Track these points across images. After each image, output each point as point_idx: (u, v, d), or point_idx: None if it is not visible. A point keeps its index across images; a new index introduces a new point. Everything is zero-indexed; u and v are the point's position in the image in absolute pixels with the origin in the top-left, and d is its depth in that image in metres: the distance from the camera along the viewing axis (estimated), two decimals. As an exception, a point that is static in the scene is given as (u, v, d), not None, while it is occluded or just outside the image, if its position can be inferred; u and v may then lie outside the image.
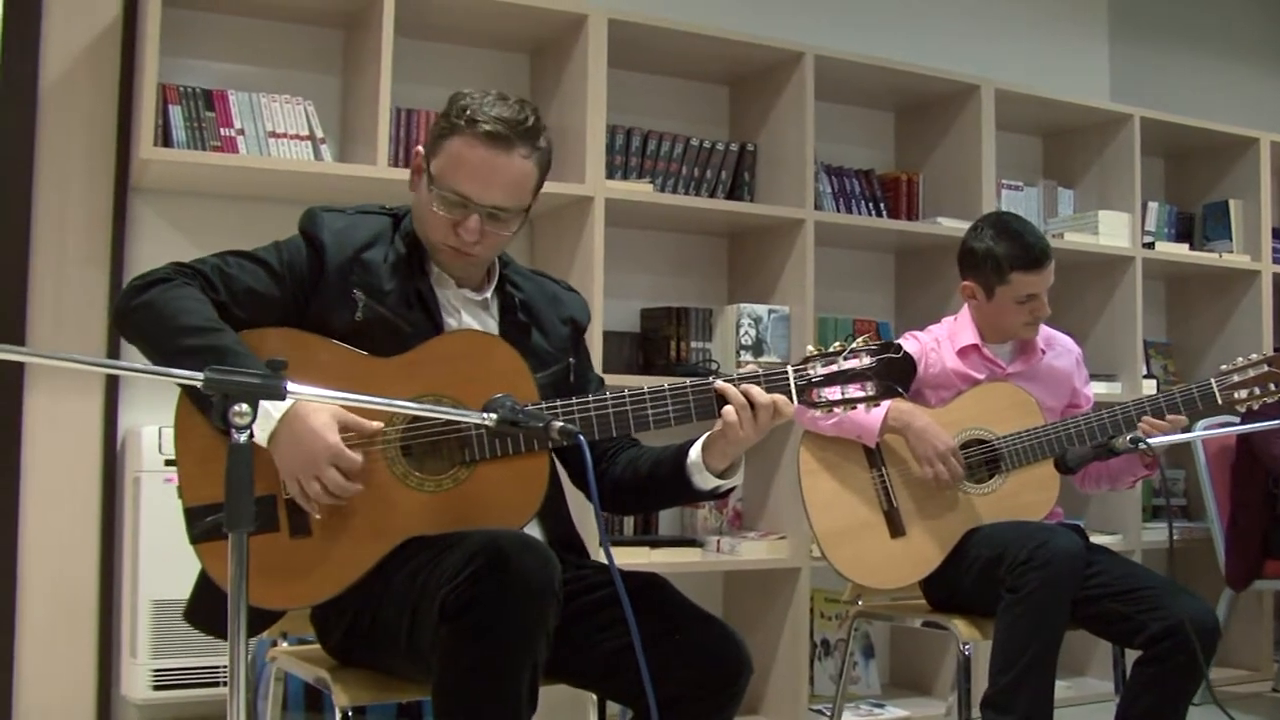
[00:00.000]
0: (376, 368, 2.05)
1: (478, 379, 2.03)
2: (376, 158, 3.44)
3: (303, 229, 2.16)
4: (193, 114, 3.43)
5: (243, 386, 1.61)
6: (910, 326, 4.30)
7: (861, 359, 2.14)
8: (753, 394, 2.09)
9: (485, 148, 2.08)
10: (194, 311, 1.98)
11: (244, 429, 1.60)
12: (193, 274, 2.06)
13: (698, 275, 4.33)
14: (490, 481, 2.03)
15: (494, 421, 1.82)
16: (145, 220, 3.59)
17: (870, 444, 3.01)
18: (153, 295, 2.00)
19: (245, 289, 2.07)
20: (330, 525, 1.99)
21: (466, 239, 2.10)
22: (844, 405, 2.14)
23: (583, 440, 1.78)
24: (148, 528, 3.23)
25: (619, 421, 2.07)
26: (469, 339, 2.11)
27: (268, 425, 1.94)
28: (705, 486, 2.18)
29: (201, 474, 2.01)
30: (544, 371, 2.18)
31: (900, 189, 4.50)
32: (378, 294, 2.10)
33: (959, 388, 3.14)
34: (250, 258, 2.11)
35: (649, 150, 4.03)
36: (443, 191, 2.10)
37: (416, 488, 2.03)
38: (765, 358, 4.04)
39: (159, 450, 3.26)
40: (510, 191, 2.11)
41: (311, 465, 1.93)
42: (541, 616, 1.83)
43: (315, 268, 2.10)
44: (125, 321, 2.02)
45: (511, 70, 4.03)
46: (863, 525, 2.97)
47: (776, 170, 4.16)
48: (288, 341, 2.05)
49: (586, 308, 2.41)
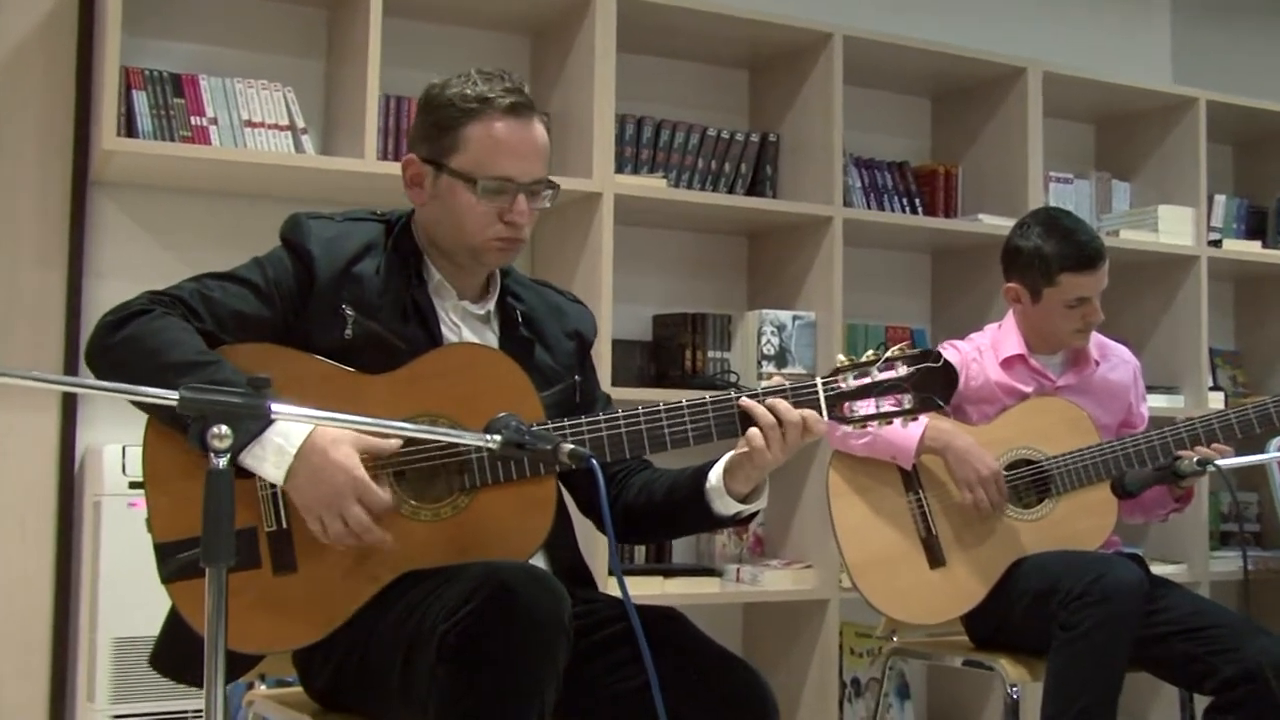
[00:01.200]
0: (366, 385, 2.06)
1: (478, 397, 2.04)
2: (364, 150, 3.45)
3: (287, 239, 2.17)
4: (159, 101, 3.44)
5: (222, 406, 1.62)
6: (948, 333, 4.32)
7: (897, 369, 2.15)
8: (780, 410, 2.10)
9: (513, 121, 2.13)
10: (182, 344, 1.99)
11: (224, 453, 1.61)
12: (172, 302, 2.06)
13: (715, 278, 4.34)
14: (493, 509, 2.04)
15: (498, 444, 1.84)
16: (106, 218, 3.60)
17: (906, 465, 3.02)
18: (133, 330, 2.00)
19: (231, 313, 2.08)
20: (317, 560, 2.00)
21: (520, 221, 2.15)
22: (879, 420, 2.16)
23: (595, 464, 1.80)
24: (109, 557, 3.24)
25: (633, 442, 2.09)
26: (467, 353, 2.13)
27: (283, 461, 1.94)
28: (727, 512, 2.20)
29: (174, 505, 2.01)
30: (549, 390, 2.20)
31: (937, 183, 4.50)
32: (369, 308, 2.12)
33: (1004, 402, 3.15)
34: (232, 279, 2.12)
35: (661, 141, 4.04)
36: (486, 181, 2.12)
37: (411, 517, 2.04)
38: (789, 368, 4.05)
39: (122, 471, 3.26)
40: (543, 160, 2.18)
41: (335, 502, 1.95)
42: (550, 655, 1.84)
43: (304, 283, 2.12)
44: (104, 361, 2.02)
45: (510, 53, 4.04)
46: (899, 554, 2.98)
47: (801, 163, 4.17)
48: (263, 357, 2.06)
49: (593, 321, 2.43)
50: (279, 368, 2.00)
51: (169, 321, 2.01)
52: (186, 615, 2.01)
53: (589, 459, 1.82)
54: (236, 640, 1.90)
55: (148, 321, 2.01)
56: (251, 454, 1.94)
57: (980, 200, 4.50)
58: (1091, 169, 4.93)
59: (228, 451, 1.61)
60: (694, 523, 2.32)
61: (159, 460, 2.04)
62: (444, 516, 2.05)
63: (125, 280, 3.57)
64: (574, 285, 3.65)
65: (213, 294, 2.08)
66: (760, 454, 2.10)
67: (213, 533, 1.61)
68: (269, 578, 2.00)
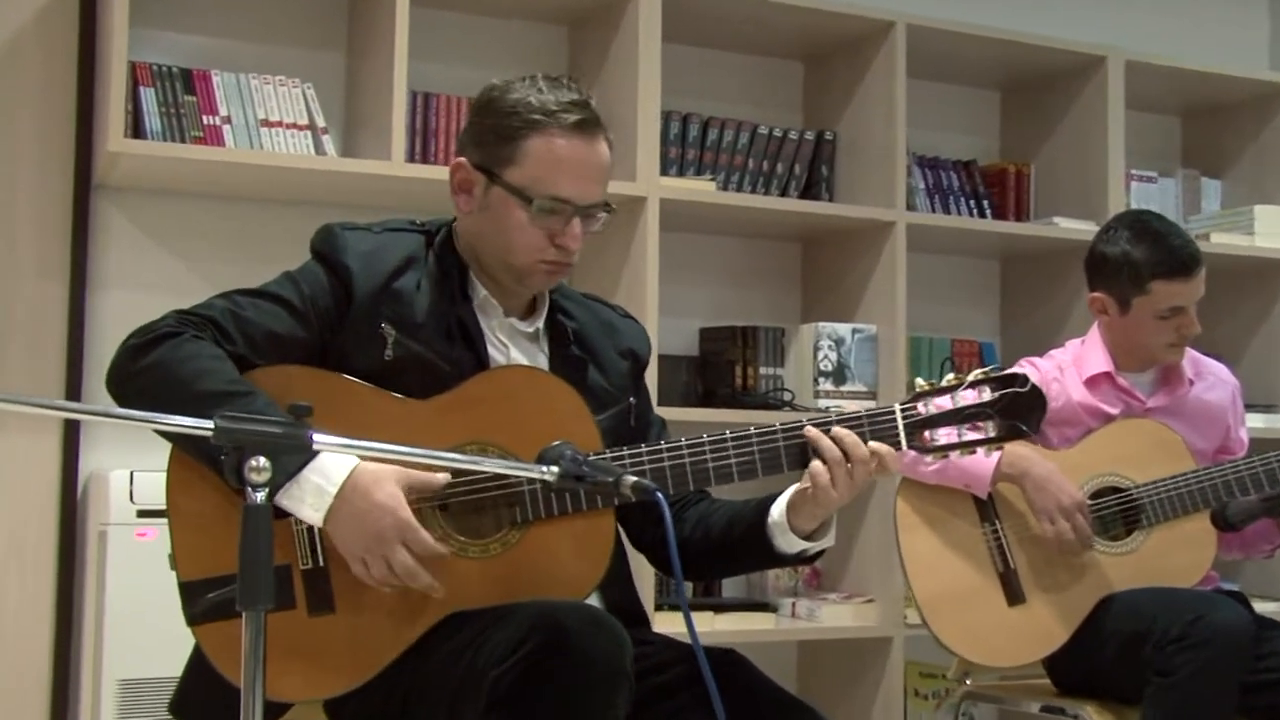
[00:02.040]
0: (409, 411, 2.08)
1: (530, 424, 2.05)
2: (390, 151, 3.47)
3: (321, 253, 2.18)
4: (169, 98, 3.46)
5: (260, 437, 1.63)
6: (1019, 347, 4.31)
7: (981, 394, 2.16)
8: (847, 444, 2.11)
9: (578, 139, 2.14)
10: (214, 372, 1.99)
11: (262, 487, 1.62)
12: (201, 323, 2.07)
13: (767, 288, 4.34)
14: (546, 545, 2.05)
15: (555, 476, 1.84)
16: (111, 225, 3.63)
17: (980, 494, 3.02)
18: (160, 355, 2.01)
19: (265, 334, 2.09)
20: (357, 600, 2.01)
21: (573, 247, 2.16)
22: (960, 450, 2.16)
23: (662, 499, 1.80)
24: (115, 592, 3.25)
25: (697, 473, 2.10)
26: (519, 376, 2.14)
27: (322, 503, 1.95)
28: (790, 550, 2.20)
29: (201, 541, 2.02)
30: (602, 413, 2.20)
31: (1007, 183, 4.50)
32: (410, 327, 2.13)
33: (1088, 425, 3.14)
34: (264, 295, 2.13)
35: (709, 140, 4.05)
36: (542, 201, 2.13)
37: (459, 553, 2.05)
38: (848, 385, 4.05)
39: (130, 499, 3.27)
40: (604, 183, 2.19)
41: (378, 545, 1.95)
42: (610, 703, 1.85)
43: (341, 300, 2.13)
44: (129, 389, 2.03)
45: (547, 45, 4.06)
46: (973, 591, 2.98)
47: (860, 163, 4.17)
48: (298, 381, 2.07)
49: (648, 339, 2.44)
50: (315, 392, 2.00)
51: (199, 346, 2.02)
52: (214, 660, 2.01)
53: (654, 492, 1.82)
54: (269, 687, 1.90)
55: (176, 346, 2.02)
56: (288, 495, 1.95)
57: (1054, 202, 4.49)
58: (1178, 166, 4.91)
59: (266, 485, 1.62)
60: (754, 560, 2.32)
61: (184, 492, 2.05)
62: (493, 553, 2.05)
63: (131, 292, 3.60)
64: (615, 297, 3.66)
65: (245, 313, 2.09)
66: (824, 491, 2.10)
67: (250, 573, 1.62)
68: (304, 619, 2.01)
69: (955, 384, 2.17)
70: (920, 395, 2.17)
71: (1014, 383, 2.16)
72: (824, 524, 2.19)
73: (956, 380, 2.17)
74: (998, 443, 2.16)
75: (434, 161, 3.67)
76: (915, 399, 2.17)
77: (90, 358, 3.54)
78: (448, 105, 3.74)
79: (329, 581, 2.03)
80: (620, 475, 1.86)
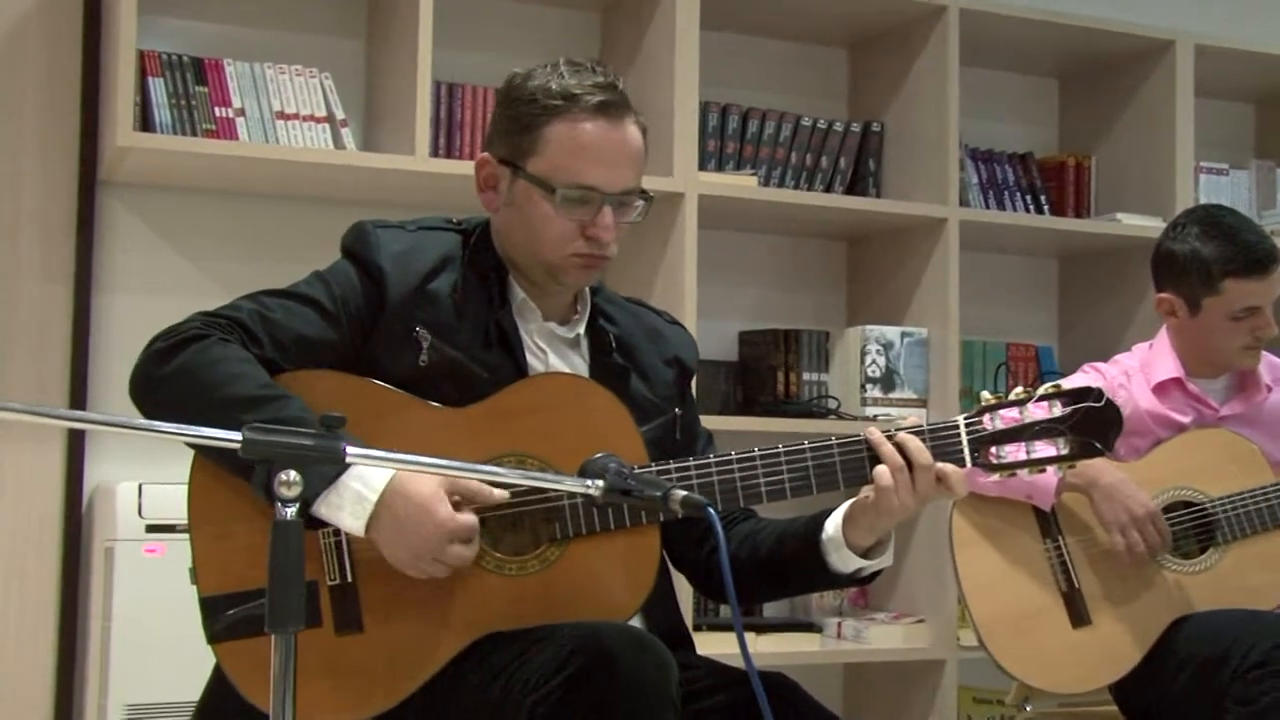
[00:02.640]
0: (446, 421, 2.08)
1: (572, 435, 2.06)
2: (414, 145, 3.48)
3: (353, 252, 2.19)
4: (180, 89, 3.48)
5: (291, 449, 1.64)
6: (1079, 352, 4.30)
7: (1051, 408, 2.15)
8: (910, 449, 2.10)
9: (602, 122, 2.14)
10: (244, 376, 2.01)
11: (293, 502, 1.63)
12: (229, 325, 2.08)
13: (811, 289, 4.35)
14: (588, 563, 2.06)
15: (600, 490, 1.85)
16: (119, 224, 3.65)
17: (1044, 506, 3.01)
18: (186, 359, 2.02)
19: (295, 337, 2.10)
20: (386, 619, 2.02)
21: (605, 237, 2.16)
22: (1029, 468, 2.16)
23: (714, 515, 1.80)
24: (122, 612, 3.26)
25: (747, 490, 2.10)
26: (560, 384, 2.15)
27: (363, 510, 1.96)
28: (845, 569, 2.20)
29: (223, 554, 2.04)
30: (647, 425, 2.21)
31: (1067, 177, 4.50)
32: (447, 332, 2.14)
33: (1157, 435, 3.13)
34: (294, 296, 2.14)
35: (750, 133, 4.06)
36: (566, 190, 2.14)
37: (495, 570, 2.05)
38: (896, 392, 4.05)
39: (138, 513, 3.28)
40: (636, 169, 2.19)
41: (428, 549, 1.96)
42: (656, 731, 1.85)
43: (375, 303, 2.14)
44: (155, 396, 2.04)
45: (579, 31, 4.07)
46: (1035, 610, 2.97)
47: (910, 156, 4.17)
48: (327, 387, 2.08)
49: (694, 346, 2.44)
50: (345, 399, 2.02)
51: (227, 350, 2.04)
52: (235, 681, 2.02)
53: (705, 507, 1.82)
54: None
55: (203, 349, 2.03)
56: (327, 502, 1.96)
57: (1117, 196, 4.49)
58: (1250, 157, 4.89)
59: (297, 500, 1.62)
60: (806, 580, 2.32)
61: (207, 502, 2.06)
62: (530, 571, 2.06)
63: (139, 295, 3.62)
64: (650, 299, 3.63)
65: (273, 315, 2.11)
66: (886, 495, 2.09)
67: (280, 593, 1.62)
68: (331, 638, 2.02)
69: (1024, 397, 2.16)
70: (985, 409, 2.17)
71: (1087, 397, 2.15)
72: (881, 541, 2.19)
73: (1025, 394, 2.17)
74: (1070, 461, 2.16)
75: (459, 156, 3.68)
76: (980, 413, 2.17)
77: (96, 363, 3.56)
78: (474, 96, 3.75)
79: (358, 599, 2.03)
80: (669, 489, 1.86)
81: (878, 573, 2.24)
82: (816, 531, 2.21)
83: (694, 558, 2.35)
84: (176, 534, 3.10)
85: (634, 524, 2.07)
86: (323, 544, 2.04)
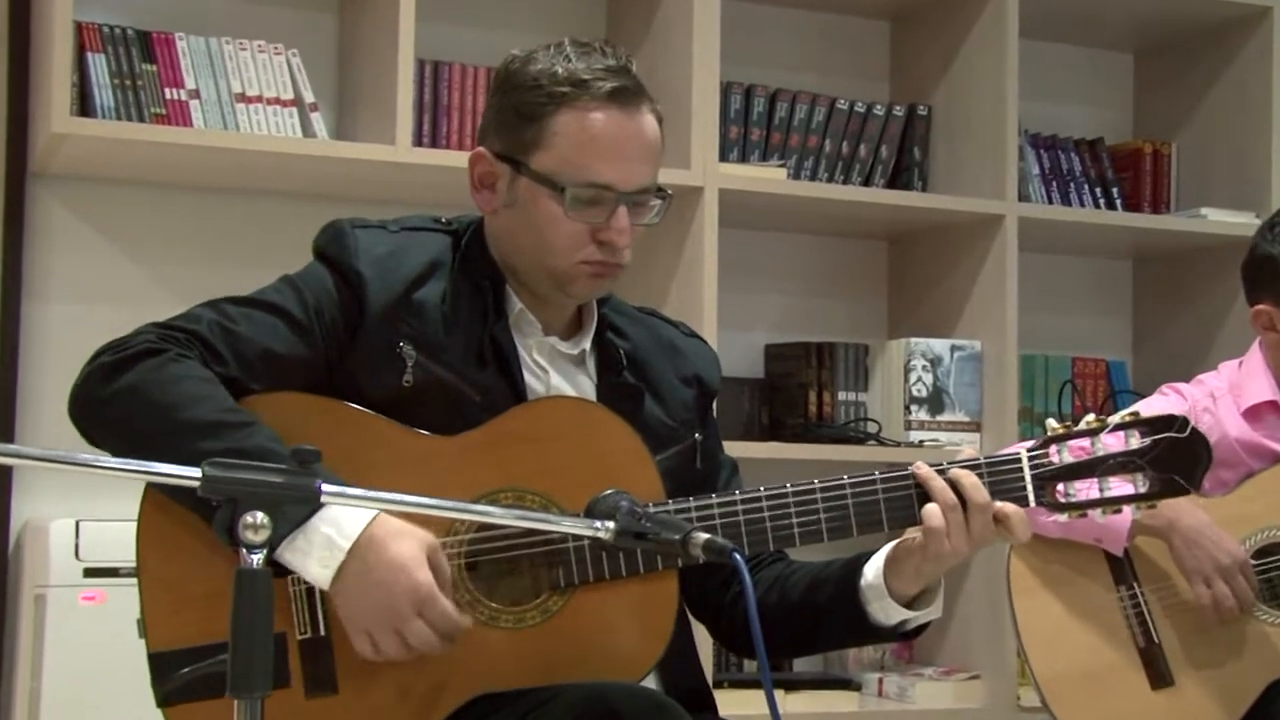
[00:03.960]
0: (436, 451, 2.09)
1: (577, 468, 2.07)
2: (393, 133, 3.49)
3: (328, 256, 2.20)
4: (124, 68, 3.48)
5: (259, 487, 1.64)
6: (1156, 368, 4.29)
7: (1129, 439, 2.16)
8: (964, 487, 2.11)
9: (615, 111, 2.16)
10: (204, 398, 2.00)
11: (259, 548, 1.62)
12: (186, 338, 2.08)
13: (847, 296, 4.36)
14: (596, 614, 2.06)
15: (610, 533, 1.85)
16: (53, 221, 3.66)
17: (1115, 550, 3.01)
18: (136, 377, 2.02)
19: (261, 352, 2.10)
20: (364, 679, 2.02)
21: (620, 242, 2.17)
22: (1103, 508, 2.17)
23: (741, 563, 1.79)
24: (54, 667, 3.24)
25: (778, 531, 2.11)
26: (563, 409, 2.16)
27: (333, 558, 1.95)
28: (888, 621, 2.20)
29: (177, 604, 2.03)
30: (663, 453, 2.21)
31: (1142, 167, 4.50)
32: (434, 347, 2.15)
33: (1248, 466, 3.12)
34: (260, 305, 2.14)
35: (778, 118, 4.06)
36: (577, 189, 2.15)
37: (489, 623, 2.05)
38: (946, 415, 4.05)
39: (75, 555, 3.27)
40: (653, 163, 2.21)
41: (389, 615, 1.95)
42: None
43: (353, 314, 2.15)
44: (98, 419, 2.04)
45: (582, 6, 4.07)
46: (1108, 668, 2.96)
47: (961, 144, 4.18)
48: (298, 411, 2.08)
49: (716, 362, 2.45)
50: (319, 425, 2.03)
51: (185, 367, 2.03)
52: (189, 748, 2.03)
53: (731, 553, 1.82)
54: (259, 785, 1.92)
55: (157, 366, 2.02)
56: (293, 546, 1.94)
57: (1202, 189, 4.49)
58: (1357, 144, 4.90)
59: (265, 545, 1.61)
60: (842, 633, 2.31)
61: (159, 542, 2.05)
62: (530, 623, 2.06)
63: (77, 304, 3.62)
64: (665, 308, 3.64)
65: (237, 327, 2.11)
66: (937, 539, 2.10)
67: (244, 651, 1.60)
68: (300, 701, 2.02)
69: (1096, 427, 2.17)
70: (1051, 440, 2.18)
71: (1170, 426, 2.15)
72: (929, 589, 2.19)
73: (1097, 423, 2.17)
74: (1149, 501, 2.17)
75: (446, 145, 3.69)
76: (1045, 444, 2.17)
77: (26, 382, 3.57)
78: (462, 77, 3.76)
79: (332, 656, 2.03)
80: (688, 532, 1.85)
81: (924, 626, 2.24)
82: (854, 576, 2.21)
83: (716, 603, 2.36)
84: (120, 579, 3.10)
85: (648, 569, 2.07)
86: (292, 591, 2.03)
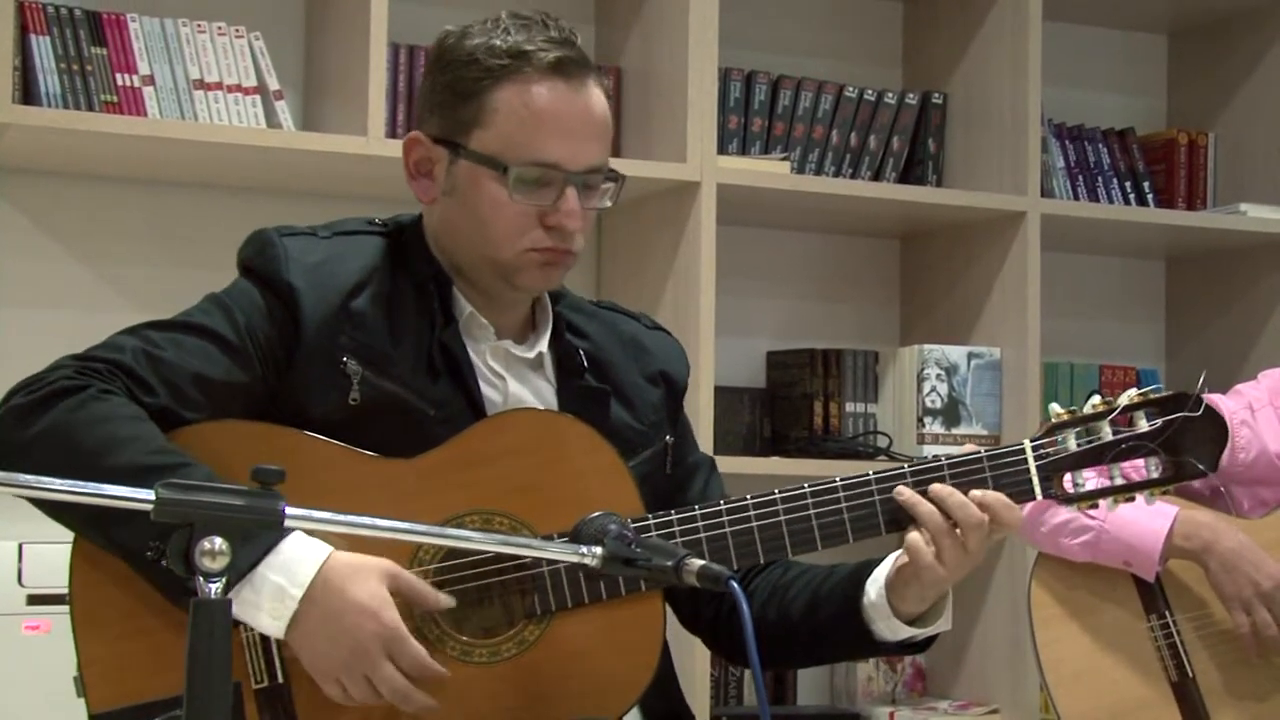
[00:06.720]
0: (393, 475, 2.10)
1: (547, 486, 2.08)
2: (365, 123, 3.48)
3: (255, 269, 2.20)
4: (71, 51, 3.47)
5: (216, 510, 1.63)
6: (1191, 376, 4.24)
7: (1137, 423, 2.17)
8: (950, 506, 2.11)
9: (559, 84, 2.17)
10: (132, 440, 1.99)
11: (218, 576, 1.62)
12: (108, 371, 2.07)
13: (855, 300, 4.37)
14: (575, 644, 2.08)
15: (598, 559, 1.86)
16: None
17: (1146, 575, 3.02)
18: (56, 419, 2.01)
19: (193, 378, 2.10)
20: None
21: (570, 226, 2.17)
22: (1113, 496, 2.17)
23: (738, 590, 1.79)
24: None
25: (768, 541, 2.13)
26: (528, 422, 2.17)
27: (284, 609, 1.96)
28: (895, 638, 2.22)
29: (118, 661, 2.04)
30: (633, 459, 2.23)
31: (1176, 159, 4.51)
32: (380, 360, 2.15)
33: (1292, 484, 3.15)
34: (186, 329, 2.14)
35: (781, 107, 4.07)
36: (521, 169, 2.15)
37: (461, 658, 2.07)
38: (962, 427, 4.06)
39: (18, 580, 3.27)
40: (602, 141, 2.22)
41: (358, 660, 1.97)
42: None
43: (288, 331, 2.15)
44: (16, 468, 1.95)
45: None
46: (1138, 704, 2.97)
47: (979, 134, 4.19)
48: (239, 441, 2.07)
49: (683, 355, 2.46)
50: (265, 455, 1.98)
51: (109, 405, 2.02)
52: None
53: (728, 580, 1.82)
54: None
55: (79, 405, 2.01)
56: (240, 597, 1.94)
57: (1242, 183, 4.51)
58: None
59: (224, 573, 1.60)
60: (846, 648, 2.35)
61: (95, 598, 2.06)
62: (505, 656, 2.08)
63: (22, 308, 3.61)
64: (660, 311, 3.69)
65: (163, 353, 2.10)
66: (929, 570, 2.11)
67: (201, 698, 1.56)
68: (261, 754, 2.03)
69: (1103, 410, 2.18)
70: (1057, 427, 2.19)
71: (1181, 405, 2.16)
72: (936, 604, 2.21)
73: (1105, 406, 2.18)
74: (1165, 485, 2.18)
75: (421, 135, 3.70)
76: (1050, 432, 2.18)
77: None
78: (438, 62, 3.76)
79: (291, 704, 2.04)
80: (682, 558, 1.85)
81: (933, 638, 2.25)
82: (858, 594, 2.22)
83: (711, 618, 2.38)
84: (67, 607, 3.10)
85: (630, 590, 2.08)
86: (245, 638, 2.03)
